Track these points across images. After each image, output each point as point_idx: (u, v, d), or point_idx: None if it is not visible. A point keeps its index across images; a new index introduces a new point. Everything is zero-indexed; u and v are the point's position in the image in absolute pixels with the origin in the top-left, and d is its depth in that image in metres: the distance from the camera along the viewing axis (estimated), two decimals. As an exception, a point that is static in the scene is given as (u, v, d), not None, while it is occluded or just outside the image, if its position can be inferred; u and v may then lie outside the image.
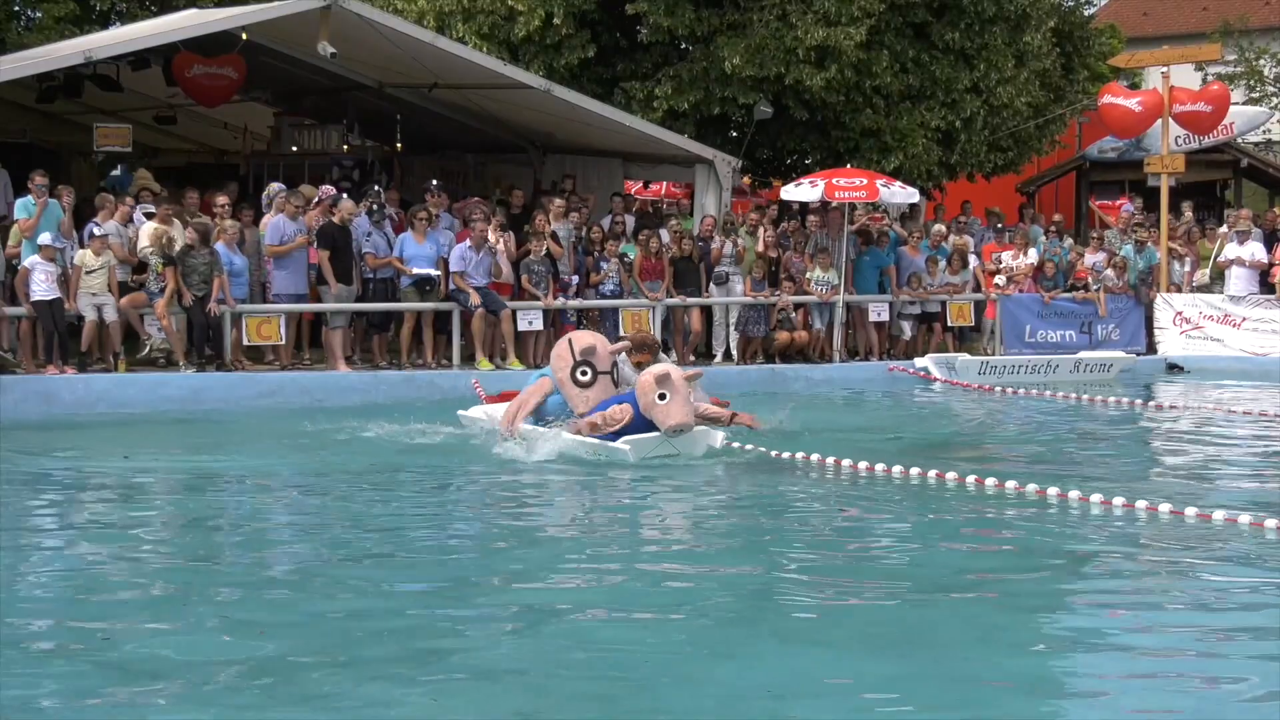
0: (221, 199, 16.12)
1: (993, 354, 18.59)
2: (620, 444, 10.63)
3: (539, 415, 11.49)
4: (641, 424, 10.72)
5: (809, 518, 9.21)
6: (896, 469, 10.39)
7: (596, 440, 10.86)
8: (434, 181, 17.93)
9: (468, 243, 16.05)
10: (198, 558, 8.06)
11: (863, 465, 10.56)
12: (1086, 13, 27.03)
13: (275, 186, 16.56)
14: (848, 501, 9.74)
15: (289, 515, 9.59)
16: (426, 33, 18.13)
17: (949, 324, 18.93)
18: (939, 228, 19.87)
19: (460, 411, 12.32)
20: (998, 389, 16.82)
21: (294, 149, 21.12)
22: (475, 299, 15.76)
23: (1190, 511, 8.84)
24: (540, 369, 14.68)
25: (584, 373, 11.14)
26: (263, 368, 15.39)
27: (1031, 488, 9.63)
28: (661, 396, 10.50)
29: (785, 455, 11.01)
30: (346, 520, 9.04)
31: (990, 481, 9.85)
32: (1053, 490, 9.51)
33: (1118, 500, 9.18)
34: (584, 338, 11.57)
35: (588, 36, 20.77)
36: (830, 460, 10.75)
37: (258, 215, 16.28)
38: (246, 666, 5.93)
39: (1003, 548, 8.49)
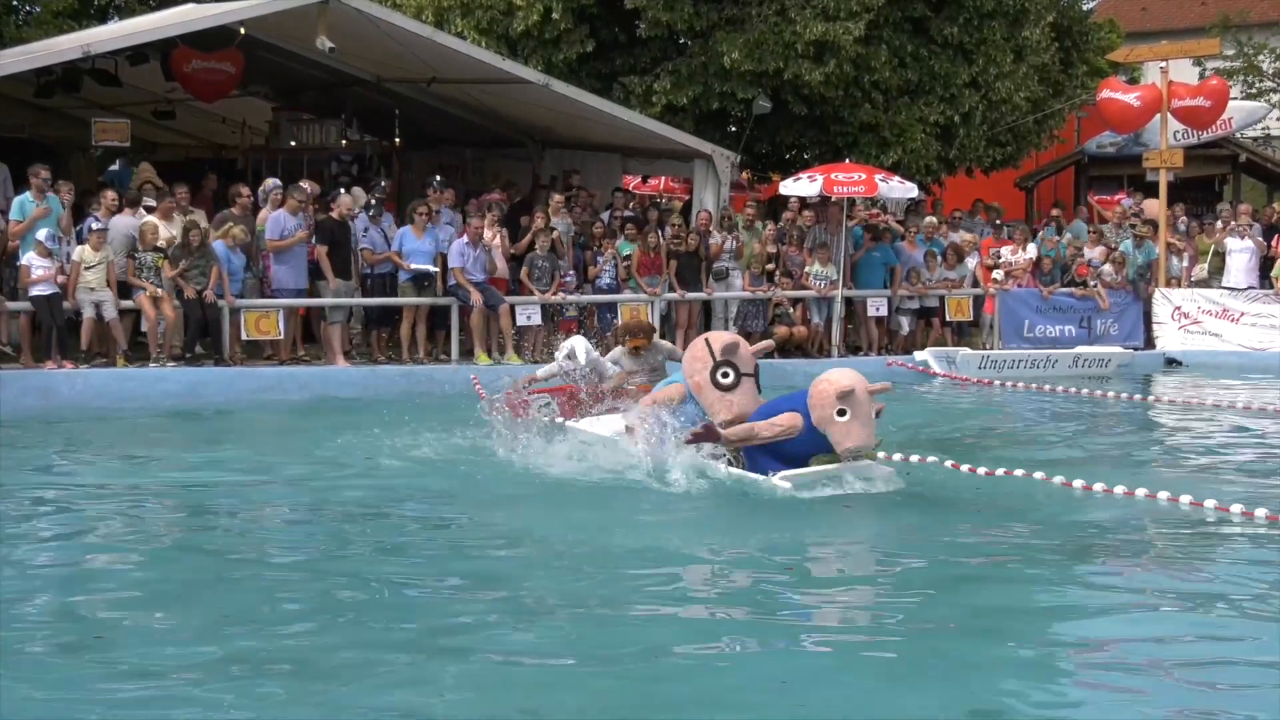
0: (244, 190, 16.12)
1: (991, 349, 18.60)
2: (778, 480, 9.37)
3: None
4: (811, 438, 9.42)
5: (816, 511, 9.14)
6: (915, 458, 10.32)
7: (738, 471, 9.67)
8: (436, 177, 17.92)
9: (465, 238, 16.05)
10: (196, 554, 8.04)
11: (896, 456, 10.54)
12: (1085, 7, 27.02)
13: (271, 182, 16.55)
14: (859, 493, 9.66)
15: (292, 511, 9.54)
16: (425, 27, 18.12)
17: (947, 319, 18.95)
18: (930, 220, 19.87)
19: (568, 423, 11.36)
20: (996, 383, 16.84)
21: (292, 144, 21.10)
22: (476, 297, 15.76)
23: (1210, 504, 8.86)
24: (540, 363, 14.66)
25: (725, 374, 9.85)
26: (261, 363, 15.38)
27: (1058, 479, 9.65)
28: (841, 413, 9.18)
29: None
30: (347, 518, 9.01)
31: (1000, 472, 9.88)
32: (1077, 481, 9.55)
33: (1141, 491, 9.21)
34: (723, 336, 10.31)
35: (586, 31, 20.76)
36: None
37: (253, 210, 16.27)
38: (247, 664, 5.91)
39: (1011, 540, 8.47)
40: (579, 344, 12.65)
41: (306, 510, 9.47)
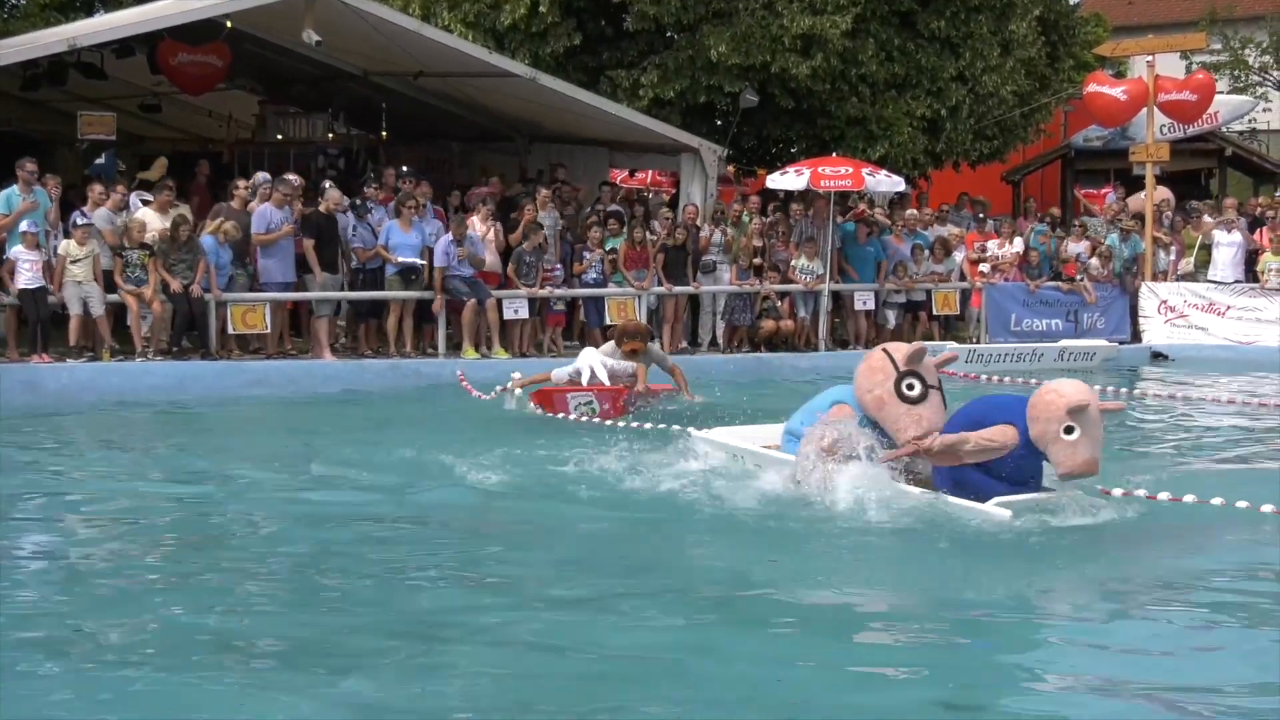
0: (242, 183, 16.07)
1: (978, 343, 18.65)
2: (992, 506, 8.25)
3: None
4: (1024, 455, 8.33)
5: (814, 510, 9.04)
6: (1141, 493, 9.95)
7: (929, 494, 8.63)
8: (404, 168, 17.88)
9: (450, 236, 16.03)
10: (182, 547, 8.03)
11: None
12: (1072, 1, 27.06)
13: (260, 176, 16.50)
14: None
15: (286, 507, 9.46)
16: (412, 21, 18.10)
17: (934, 313, 18.99)
18: (911, 212, 19.89)
19: (694, 432, 10.49)
20: (983, 377, 16.85)
21: (279, 137, 21.09)
22: (438, 304, 15.78)
23: (1189, 499, 8.79)
24: (534, 358, 14.63)
25: (910, 385, 8.79)
26: (249, 356, 15.36)
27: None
28: (1069, 430, 8.06)
29: None
30: (340, 513, 8.98)
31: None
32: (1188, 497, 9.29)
33: (1117, 491, 9.09)
34: (903, 346, 9.24)
35: (573, 24, 20.75)
36: None
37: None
38: (237, 657, 5.92)
39: (1020, 543, 8.35)
40: (594, 361, 12.42)
41: (299, 506, 9.38)
